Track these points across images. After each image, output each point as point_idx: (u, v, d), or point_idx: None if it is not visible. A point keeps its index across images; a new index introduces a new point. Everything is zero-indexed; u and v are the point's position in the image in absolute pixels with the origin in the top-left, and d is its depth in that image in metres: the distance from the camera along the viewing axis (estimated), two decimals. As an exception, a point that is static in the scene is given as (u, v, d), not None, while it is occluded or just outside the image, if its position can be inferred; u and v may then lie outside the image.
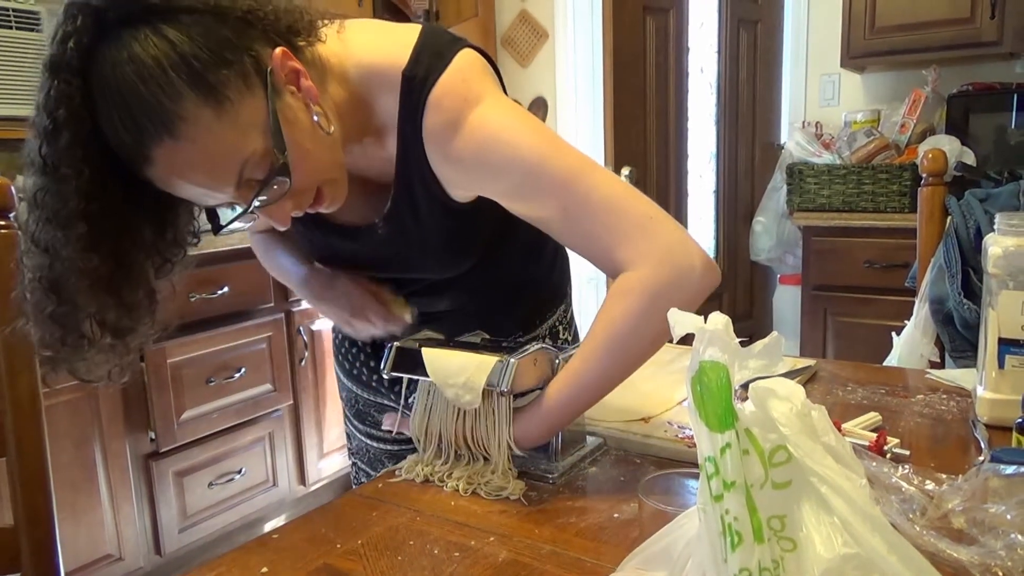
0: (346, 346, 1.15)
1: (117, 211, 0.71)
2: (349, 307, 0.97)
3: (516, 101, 0.85)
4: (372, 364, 1.12)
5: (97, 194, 0.69)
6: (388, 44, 0.83)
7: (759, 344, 0.47)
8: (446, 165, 0.82)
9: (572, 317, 1.19)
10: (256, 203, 0.73)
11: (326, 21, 0.81)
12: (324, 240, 0.97)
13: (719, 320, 0.46)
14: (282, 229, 0.80)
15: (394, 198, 0.88)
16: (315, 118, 0.75)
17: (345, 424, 1.23)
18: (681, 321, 0.47)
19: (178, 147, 0.68)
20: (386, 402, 1.12)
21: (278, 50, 0.72)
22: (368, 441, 1.17)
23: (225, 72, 0.68)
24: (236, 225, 0.80)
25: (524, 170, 0.79)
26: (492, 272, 0.99)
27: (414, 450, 0.90)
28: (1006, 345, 0.92)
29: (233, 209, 0.77)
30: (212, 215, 0.79)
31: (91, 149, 0.68)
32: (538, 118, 0.84)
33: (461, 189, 0.85)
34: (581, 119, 3.39)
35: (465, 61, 0.81)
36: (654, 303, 0.77)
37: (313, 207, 0.80)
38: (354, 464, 1.22)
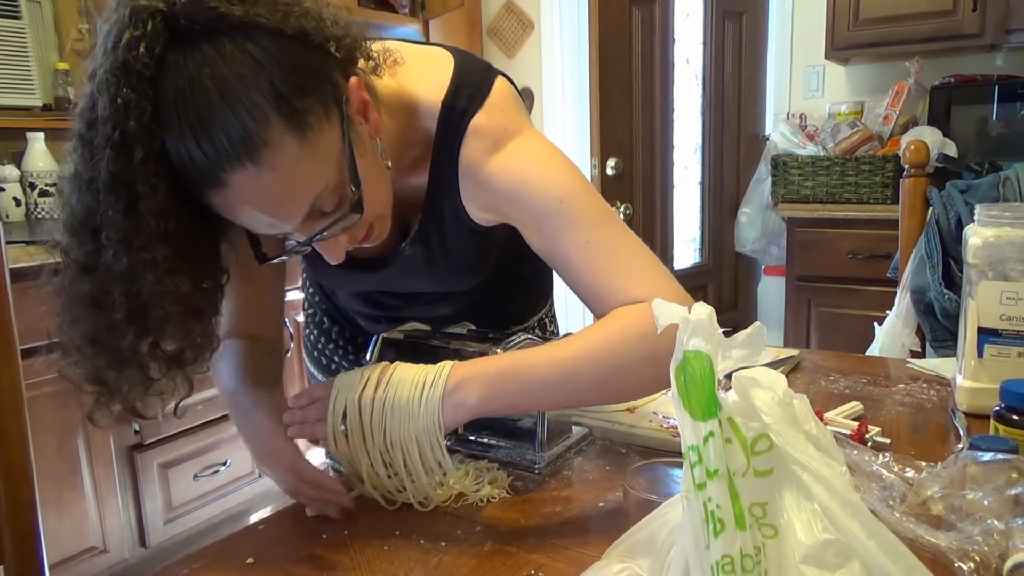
0: (323, 341, 1.14)
1: (192, 230, 0.66)
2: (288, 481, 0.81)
3: None
4: (351, 359, 1.12)
5: (173, 214, 0.63)
6: (427, 74, 0.82)
7: (742, 334, 0.47)
8: (477, 192, 0.82)
9: (555, 312, 1.20)
10: (320, 236, 0.69)
11: (379, 50, 0.77)
12: (338, 269, 0.87)
13: (703, 310, 0.47)
14: (334, 263, 0.75)
15: (422, 222, 0.87)
16: (379, 151, 0.73)
17: None
18: (665, 312, 0.47)
19: (258, 174, 0.62)
20: None
21: (353, 80, 0.69)
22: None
23: (309, 99, 0.64)
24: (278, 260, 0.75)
25: (555, 203, 0.78)
26: (493, 280, 0.99)
27: None
28: (985, 334, 0.94)
29: (285, 241, 0.74)
30: (255, 242, 0.73)
31: (163, 167, 0.61)
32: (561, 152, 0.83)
33: (488, 214, 0.84)
34: (567, 110, 3.39)
35: (501, 94, 0.82)
36: (655, 343, 0.69)
37: (361, 241, 0.77)
38: (329, 466, 1.14)
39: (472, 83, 0.81)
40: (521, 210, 0.80)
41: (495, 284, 1.01)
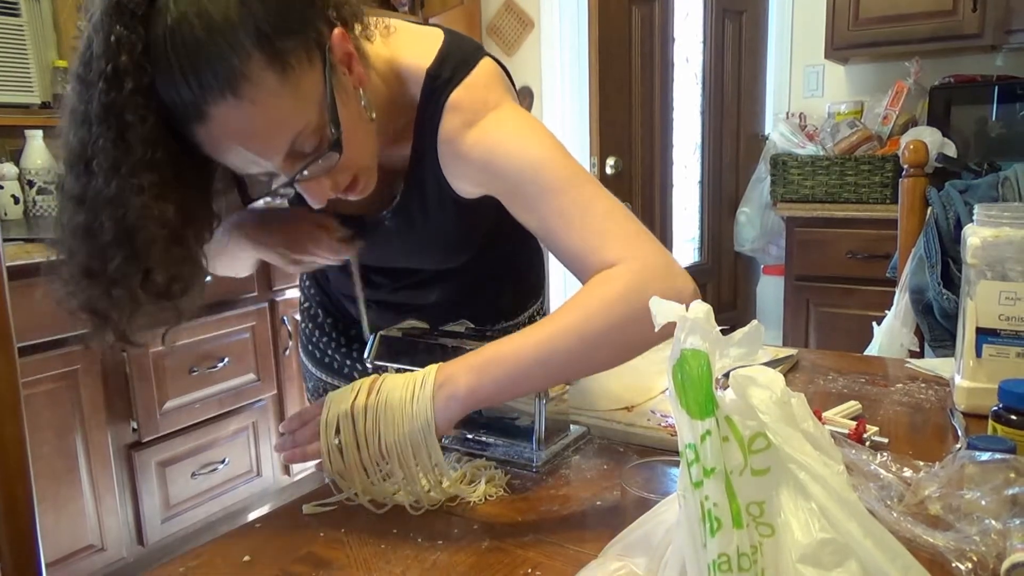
0: (316, 335, 1.14)
1: (179, 163, 0.69)
2: (287, 243, 0.93)
3: None
4: (343, 351, 1.12)
5: (161, 143, 0.67)
6: (416, 45, 0.85)
7: (739, 332, 0.47)
8: (456, 162, 0.84)
9: (549, 310, 1.20)
10: (301, 175, 0.73)
11: (375, 19, 0.81)
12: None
13: (700, 308, 0.47)
14: (316, 207, 0.79)
15: (404, 192, 0.89)
16: (362, 103, 0.77)
17: None
18: (663, 310, 0.47)
19: (238, 107, 0.66)
20: None
21: (337, 30, 0.72)
22: None
23: (291, 41, 0.68)
24: (263, 202, 0.80)
25: (529, 170, 0.80)
26: (481, 265, 1.00)
27: None
28: (983, 334, 0.94)
29: (270, 182, 0.77)
30: (242, 187, 0.78)
31: (152, 100, 0.66)
32: (545, 126, 0.85)
33: (468, 186, 0.86)
34: (567, 109, 3.39)
35: (486, 70, 0.84)
36: (638, 295, 0.72)
37: (346, 192, 0.80)
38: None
39: (459, 57, 0.84)
40: (498, 179, 0.82)
41: (484, 274, 1.01)
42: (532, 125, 0.83)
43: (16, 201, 2.30)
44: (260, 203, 0.79)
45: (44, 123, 2.41)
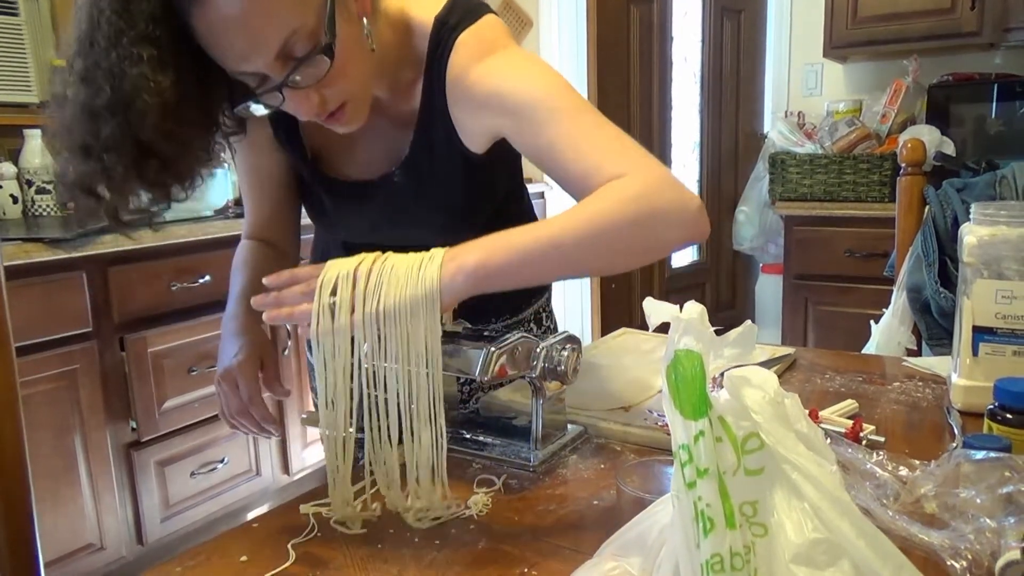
0: None
1: (178, 47, 0.72)
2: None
3: None
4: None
5: (163, 22, 0.70)
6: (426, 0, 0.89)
7: (733, 332, 0.47)
8: (464, 100, 0.86)
9: (552, 308, 1.20)
10: (291, 79, 0.74)
11: None
12: (332, 202, 0.99)
13: (694, 309, 0.47)
14: (303, 119, 0.81)
15: (413, 144, 0.91)
16: (364, 31, 0.79)
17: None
18: (656, 310, 0.48)
19: None
20: None
21: None
22: None
23: None
24: (250, 106, 0.80)
25: (538, 96, 0.82)
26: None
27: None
28: (980, 333, 0.94)
29: (256, 101, 0.78)
30: (233, 94, 0.80)
31: None
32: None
33: (477, 126, 0.87)
34: (565, 108, 3.39)
35: (493, 20, 0.88)
36: (651, 199, 0.74)
37: (332, 121, 0.81)
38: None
39: (466, 7, 0.88)
40: (506, 109, 0.83)
41: None
42: (539, 62, 0.87)
43: (15, 200, 2.30)
44: (249, 108, 0.79)
45: (43, 122, 2.41)
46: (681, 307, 0.47)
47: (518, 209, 1.08)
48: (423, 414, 0.71)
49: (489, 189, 0.97)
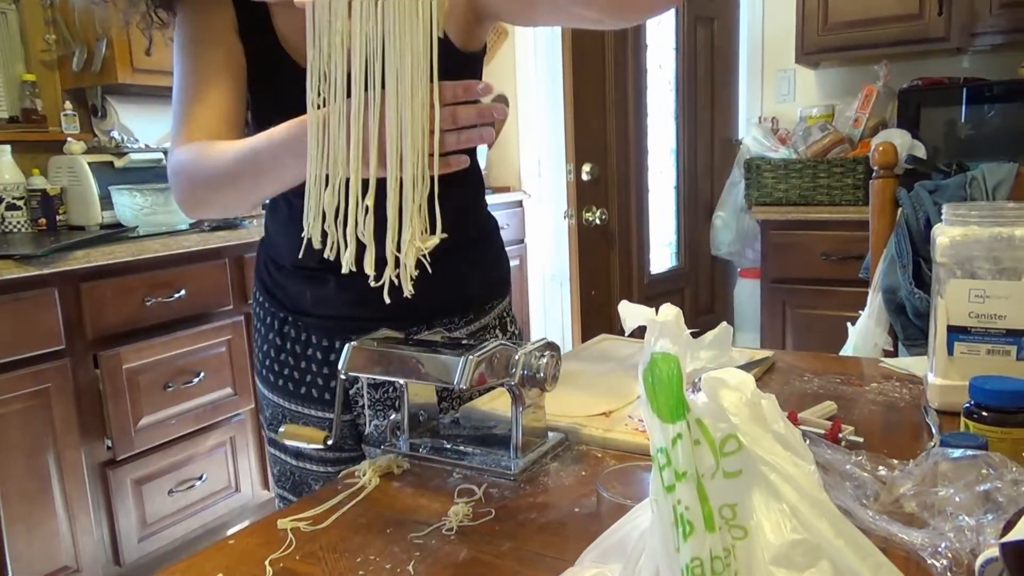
0: (271, 355, 1.11)
1: None
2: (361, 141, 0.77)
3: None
4: (296, 375, 1.09)
5: None
6: None
7: (709, 335, 0.47)
8: None
9: (514, 314, 1.20)
10: None
11: None
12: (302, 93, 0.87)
13: (670, 312, 0.47)
14: None
15: None
16: None
17: (268, 447, 1.18)
18: (632, 313, 0.47)
19: None
20: (314, 413, 1.09)
21: None
22: (295, 462, 1.11)
23: None
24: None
25: None
26: (450, 245, 0.93)
27: (343, 468, 0.87)
28: (954, 332, 0.95)
29: None
30: None
31: None
32: None
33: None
34: (542, 117, 3.40)
35: None
36: None
37: None
38: (279, 497, 1.16)
39: None
40: None
41: (452, 256, 0.95)
42: None
43: (-16, 218, 2.27)
44: None
45: (13, 138, 2.38)
46: (657, 310, 0.47)
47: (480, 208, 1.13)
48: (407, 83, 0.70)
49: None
